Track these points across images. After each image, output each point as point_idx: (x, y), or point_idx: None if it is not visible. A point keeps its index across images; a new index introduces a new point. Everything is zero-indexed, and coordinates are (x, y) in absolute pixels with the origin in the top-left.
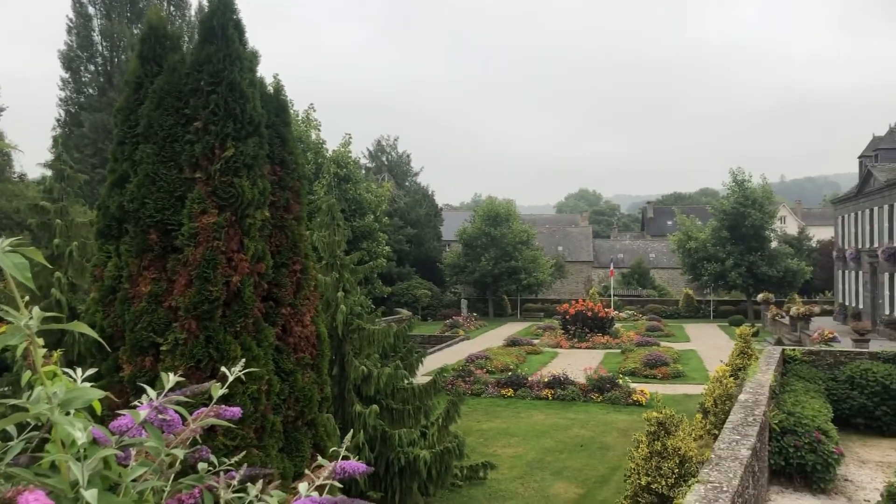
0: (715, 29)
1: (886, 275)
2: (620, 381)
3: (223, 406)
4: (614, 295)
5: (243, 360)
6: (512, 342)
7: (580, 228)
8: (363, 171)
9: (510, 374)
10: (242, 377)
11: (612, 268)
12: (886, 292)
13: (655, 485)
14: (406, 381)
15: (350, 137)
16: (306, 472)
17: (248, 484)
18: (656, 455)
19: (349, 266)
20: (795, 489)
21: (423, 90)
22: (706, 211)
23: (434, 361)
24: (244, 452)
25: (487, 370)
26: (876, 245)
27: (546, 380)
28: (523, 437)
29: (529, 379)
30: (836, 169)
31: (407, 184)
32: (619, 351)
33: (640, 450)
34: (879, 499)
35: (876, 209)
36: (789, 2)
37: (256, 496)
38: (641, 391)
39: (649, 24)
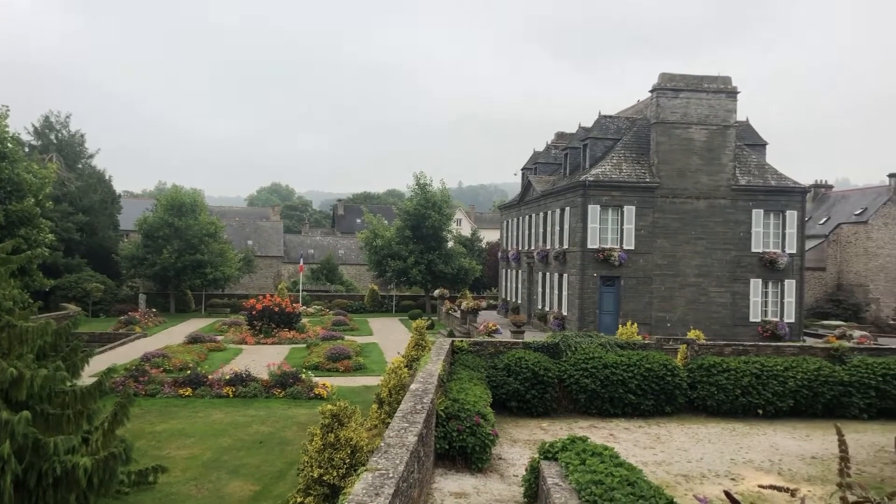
0: (407, 43)
1: (540, 274)
2: (303, 376)
3: None
4: (303, 290)
5: None
6: (194, 339)
7: (271, 223)
8: (25, 150)
9: (189, 372)
10: None
11: (301, 263)
12: (539, 289)
13: (327, 476)
14: (68, 384)
15: (7, 109)
16: None
17: None
18: (329, 447)
19: None
20: (458, 470)
21: (110, 67)
22: (392, 211)
23: (104, 361)
24: None
25: (165, 369)
26: (533, 247)
27: (227, 377)
28: (200, 437)
29: (210, 377)
30: (506, 178)
31: (80, 166)
32: (305, 346)
33: (314, 443)
34: (524, 472)
35: (534, 216)
36: (474, 20)
37: None
38: (324, 385)
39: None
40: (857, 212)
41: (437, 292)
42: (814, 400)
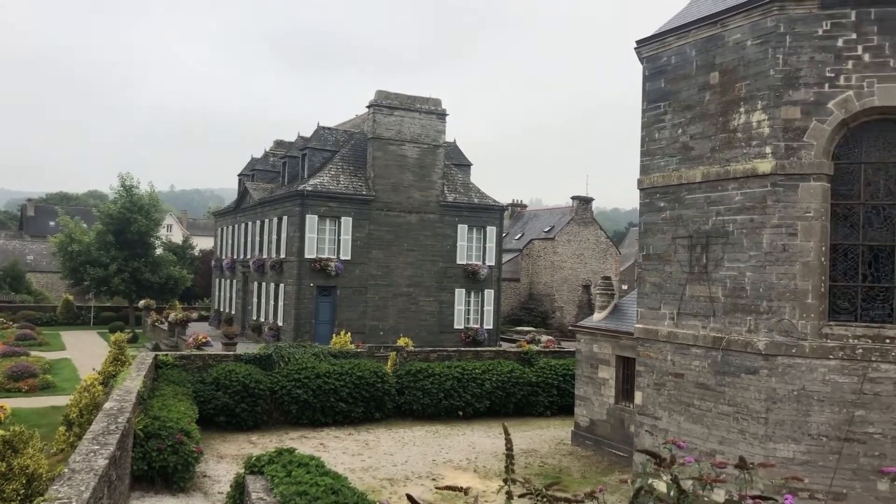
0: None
1: (255, 283)
2: None
3: None
4: None
5: None
6: None
7: None
8: None
9: None
10: None
11: None
12: (254, 299)
13: None
14: None
15: None
16: None
17: None
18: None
19: None
20: (157, 492)
21: None
22: (93, 213)
23: None
24: None
25: None
26: (249, 256)
27: None
28: None
29: None
30: (223, 183)
31: None
32: None
33: None
34: (229, 489)
35: (251, 224)
36: (180, 19)
37: None
38: (1, 407)
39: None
40: (546, 229)
41: (142, 303)
42: (507, 400)
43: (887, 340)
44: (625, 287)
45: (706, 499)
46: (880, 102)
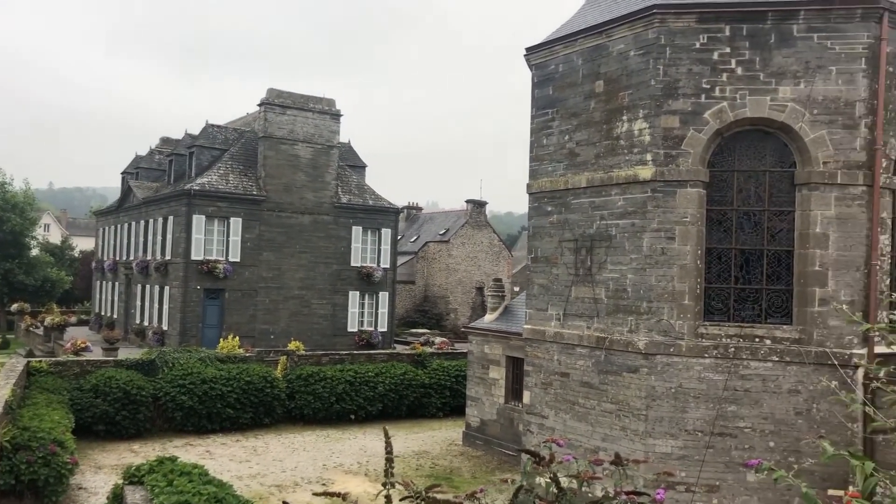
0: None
1: (139, 286)
2: None
3: None
4: None
5: None
6: None
7: None
8: None
9: None
10: None
11: None
12: (138, 302)
13: None
14: None
15: None
16: None
17: None
18: None
19: None
20: None
21: None
22: None
23: None
24: None
25: None
26: (132, 258)
27: None
28: None
29: None
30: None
31: None
32: None
33: None
34: (106, 501)
35: (134, 223)
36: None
37: None
38: None
39: None
40: (441, 232)
41: (15, 307)
42: (400, 402)
43: (756, 339)
44: (517, 289)
45: (589, 495)
46: (751, 114)
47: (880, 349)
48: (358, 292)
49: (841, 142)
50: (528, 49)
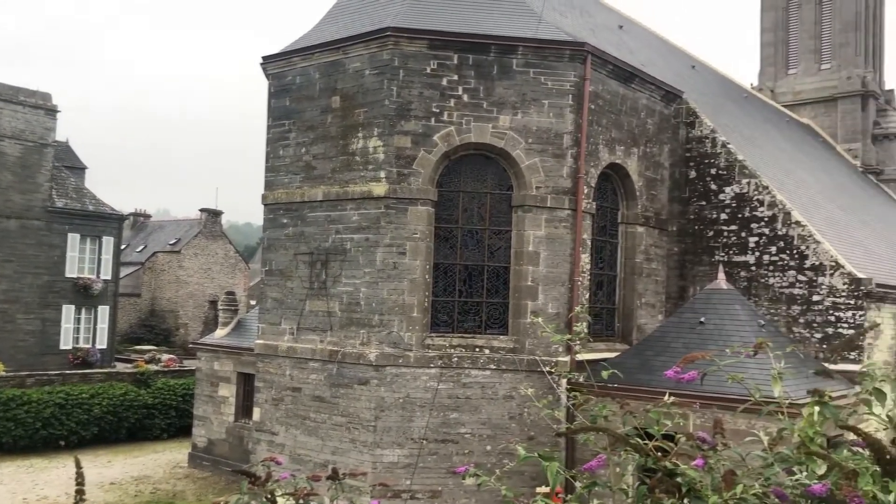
0: None
1: None
2: None
3: None
4: None
5: None
6: None
7: None
8: None
9: None
10: None
11: None
12: None
13: None
14: None
15: None
16: None
17: None
18: None
19: None
20: None
21: None
22: None
23: None
24: None
25: None
26: None
27: None
28: None
29: None
30: None
31: None
32: None
33: None
34: None
35: None
36: None
37: None
38: None
39: None
40: (172, 241)
41: None
42: (119, 425)
43: (477, 349)
44: (253, 303)
45: None
46: (475, 139)
47: (589, 356)
48: (73, 306)
49: (551, 169)
50: (264, 58)
